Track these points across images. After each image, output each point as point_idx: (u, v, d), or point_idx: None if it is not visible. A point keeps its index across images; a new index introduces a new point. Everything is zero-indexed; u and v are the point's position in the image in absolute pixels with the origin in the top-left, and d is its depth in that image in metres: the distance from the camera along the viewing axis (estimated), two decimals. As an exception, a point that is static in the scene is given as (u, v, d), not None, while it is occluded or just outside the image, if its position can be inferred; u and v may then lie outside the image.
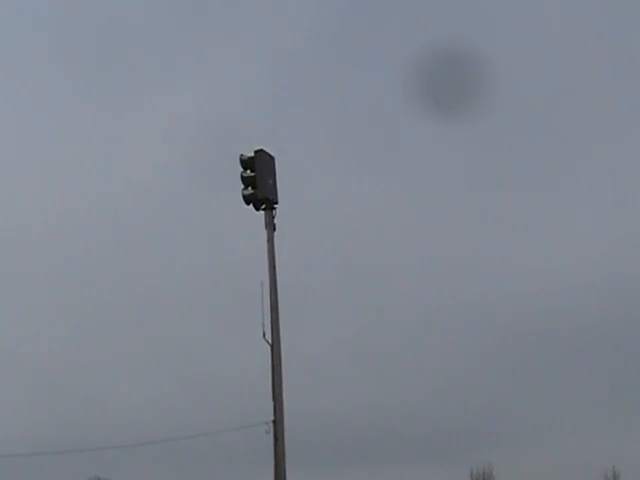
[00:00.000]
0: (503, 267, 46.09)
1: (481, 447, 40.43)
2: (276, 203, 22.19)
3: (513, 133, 51.55)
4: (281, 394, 20.97)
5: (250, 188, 21.88)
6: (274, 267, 21.72)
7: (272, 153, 22.47)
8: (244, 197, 21.93)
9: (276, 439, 20.62)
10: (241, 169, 22.05)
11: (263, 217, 22.12)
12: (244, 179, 21.99)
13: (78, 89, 52.62)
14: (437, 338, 43.53)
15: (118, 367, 39.54)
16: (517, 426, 40.63)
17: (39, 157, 50.76)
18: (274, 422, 20.73)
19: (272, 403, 20.87)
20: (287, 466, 20.70)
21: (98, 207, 46.99)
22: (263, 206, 21.94)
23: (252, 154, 22.11)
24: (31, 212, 47.84)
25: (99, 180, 48.49)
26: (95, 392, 38.50)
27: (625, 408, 39.71)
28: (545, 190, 49.85)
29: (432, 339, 43.62)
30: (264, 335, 21.16)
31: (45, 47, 53.49)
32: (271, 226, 22.05)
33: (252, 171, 21.97)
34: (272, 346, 21.17)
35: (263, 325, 21.13)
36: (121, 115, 50.97)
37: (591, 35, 52.48)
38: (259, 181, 21.86)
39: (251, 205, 21.94)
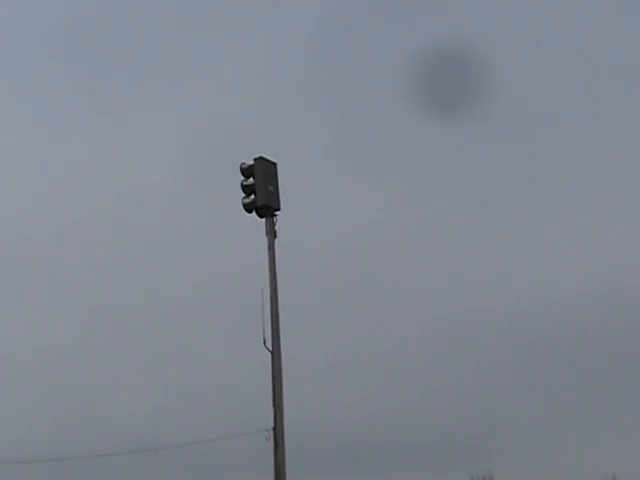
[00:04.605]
0: (502, 275, 46.05)
1: (481, 454, 40.40)
2: (277, 210, 22.22)
3: (514, 136, 51.55)
4: (281, 401, 20.96)
5: (250, 196, 21.95)
6: (275, 274, 21.75)
7: (274, 159, 22.52)
8: (244, 205, 21.94)
9: (276, 446, 20.62)
10: (242, 177, 22.13)
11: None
12: (244, 187, 22.02)
13: (78, 91, 52.61)
14: (437, 346, 43.49)
15: (117, 374, 39.53)
16: (517, 433, 40.61)
17: (39, 159, 50.75)
18: (274, 429, 20.73)
19: (272, 410, 20.89)
20: (287, 473, 20.70)
21: (99, 212, 46.94)
22: (263, 213, 21.99)
23: (252, 162, 22.18)
24: (31, 215, 47.84)
25: (99, 185, 48.45)
26: (94, 399, 38.45)
27: (625, 415, 39.74)
28: (544, 195, 49.87)
29: (432, 347, 43.58)
30: (265, 342, 21.18)
31: (45, 47, 53.52)
32: (272, 233, 22.04)
33: (252, 179, 22.03)
34: (272, 353, 21.19)
35: (264, 332, 21.16)
36: (121, 119, 51.00)
37: (593, 37, 52.60)
38: (259, 188, 21.89)
39: (253, 212, 22.00)
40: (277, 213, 22.15)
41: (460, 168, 51.02)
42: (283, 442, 20.67)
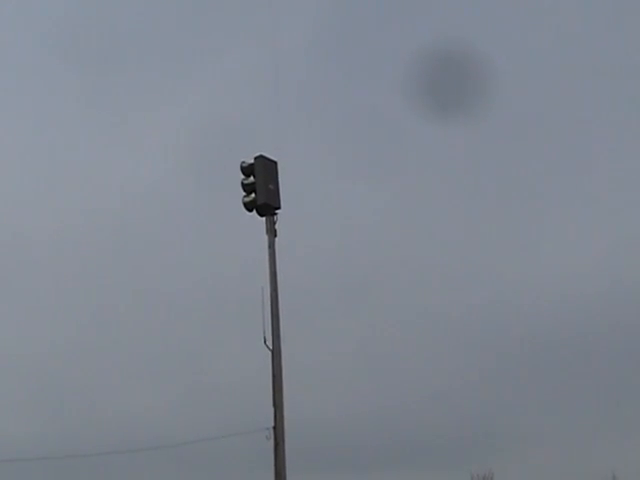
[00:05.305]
0: (502, 275, 46.02)
1: (482, 452, 40.39)
2: (277, 208, 22.22)
3: (514, 135, 51.56)
4: (281, 400, 20.98)
5: (251, 195, 21.96)
6: (275, 273, 21.76)
7: (275, 158, 22.54)
8: (245, 204, 21.98)
9: (276, 445, 20.63)
10: (242, 176, 22.15)
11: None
12: (244, 186, 22.05)
13: (78, 91, 52.63)
14: (437, 344, 43.53)
15: (118, 373, 39.54)
16: (517, 431, 40.57)
17: (39, 159, 50.85)
18: (274, 428, 20.75)
19: (272, 409, 20.90)
20: (288, 472, 20.72)
21: (99, 211, 46.96)
22: (264, 212, 22.01)
23: (252, 161, 22.20)
24: (31, 213, 47.90)
25: (99, 184, 48.48)
26: (95, 397, 38.51)
27: (625, 413, 39.74)
28: (546, 194, 49.92)
29: (432, 345, 43.61)
30: (265, 341, 21.20)
31: (45, 47, 53.56)
32: (272, 232, 22.05)
33: (253, 177, 22.05)
34: (273, 352, 21.21)
35: (264, 331, 21.18)
36: (121, 119, 51.03)
37: (593, 36, 52.65)
38: (259, 187, 21.91)
39: (254, 211, 22.02)
40: (277, 212, 22.19)
41: (461, 168, 51.04)
42: (283, 441, 20.69)
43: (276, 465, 20.61)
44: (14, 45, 54.84)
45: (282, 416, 20.84)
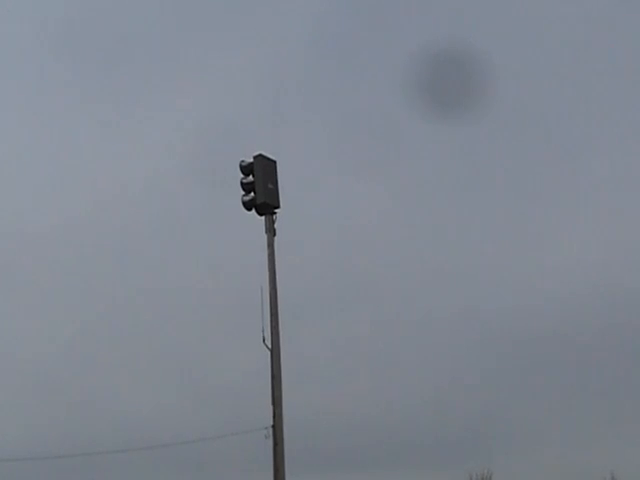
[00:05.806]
0: (502, 273, 46.10)
1: (480, 452, 40.40)
2: (277, 207, 22.21)
3: (514, 135, 51.56)
4: (280, 399, 20.97)
5: (250, 194, 21.96)
6: (274, 272, 21.75)
7: (274, 157, 22.54)
8: (244, 203, 21.96)
9: (275, 444, 20.62)
10: (241, 175, 22.14)
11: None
12: (244, 185, 22.04)
13: (79, 91, 52.70)
14: (436, 344, 43.51)
15: (117, 372, 39.48)
16: (516, 431, 40.61)
17: (39, 157, 50.88)
18: (273, 427, 20.74)
19: (271, 408, 20.89)
20: (286, 471, 20.70)
21: (97, 211, 46.94)
22: (263, 211, 22.00)
23: (252, 160, 22.19)
24: (31, 213, 47.91)
25: (99, 183, 48.47)
26: (94, 397, 38.48)
27: (624, 413, 39.77)
28: (545, 194, 49.92)
29: (431, 345, 43.61)
30: (264, 340, 21.18)
31: (46, 46, 53.59)
32: (271, 231, 22.05)
33: (252, 176, 22.04)
34: (272, 351, 21.19)
35: (263, 330, 21.17)
36: (122, 117, 51.04)
37: (592, 37, 52.69)
38: (258, 186, 21.91)
39: (253, 210, 22.02)
40: (277, 211, 22.18)
41: (460, 167, 51.07)
42: (282, 440, 20.68)
43: (275, 464, 20.59)
44: (15, 43, 54.88)
45: (281, 415, 20.82)
